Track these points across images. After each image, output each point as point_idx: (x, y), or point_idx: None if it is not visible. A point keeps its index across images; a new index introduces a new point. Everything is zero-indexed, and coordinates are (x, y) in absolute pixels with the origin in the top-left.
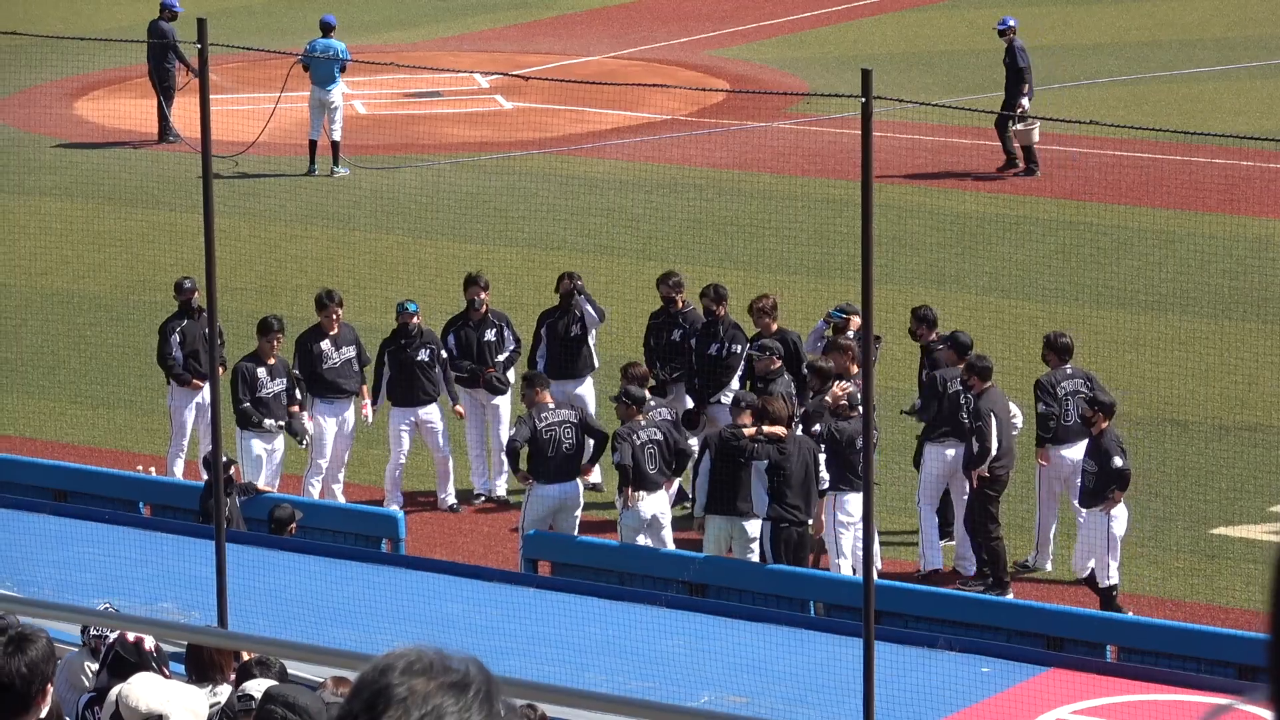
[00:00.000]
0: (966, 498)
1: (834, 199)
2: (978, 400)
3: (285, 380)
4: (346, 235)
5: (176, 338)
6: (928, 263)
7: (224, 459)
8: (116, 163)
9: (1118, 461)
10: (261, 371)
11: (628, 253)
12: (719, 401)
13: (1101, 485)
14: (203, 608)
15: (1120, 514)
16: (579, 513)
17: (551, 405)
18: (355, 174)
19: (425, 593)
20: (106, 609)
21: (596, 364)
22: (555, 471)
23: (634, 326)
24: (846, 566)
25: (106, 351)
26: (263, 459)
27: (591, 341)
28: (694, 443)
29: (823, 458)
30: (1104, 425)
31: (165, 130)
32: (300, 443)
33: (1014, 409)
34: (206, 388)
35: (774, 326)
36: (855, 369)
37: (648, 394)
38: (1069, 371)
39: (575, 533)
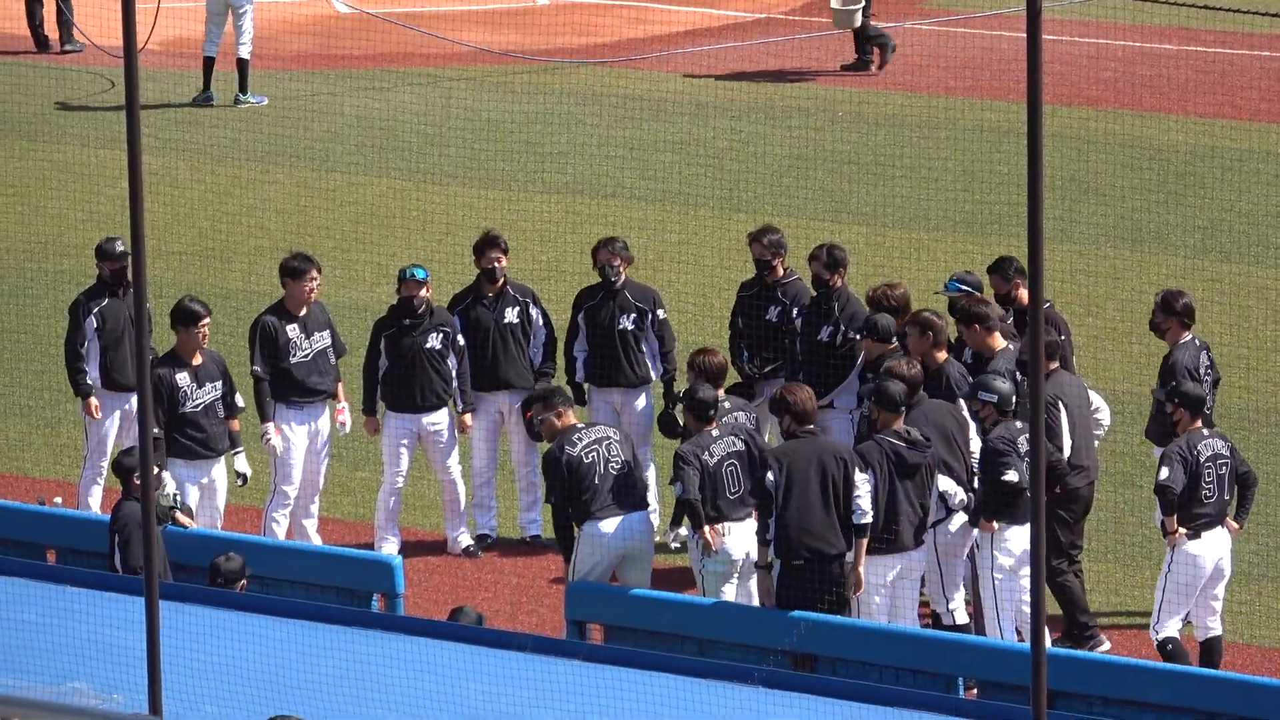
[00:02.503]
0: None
1: (989, 126)
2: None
3: (220, 384)
4: (322, 179)
5: (93, 321)
6: (1118, 214)
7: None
8: (4, 81)
9: (1163, 472)
10: (183, 377)
11: (707, 201)
12: (832, 405)
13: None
14: (128, 689)
15: (1203, 552)
16: (650, 558)
17: (580, 426)
18: (335, 96)
19: (432, 668)
20: None
21: (655, 373)
22: (608, 501)
23: (716, 303)
24: (1007, 628)
25: None
26: (196, 494)
27: (646, 348)
28: None
29: (942, 481)
30: (1194, 425)
31: (66, 36)
32: (239, 480)
33: (1097, 400)
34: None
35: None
36: (943, 355)
37: (721, 394)
38: (1196, 343)
39: (647, 586)
